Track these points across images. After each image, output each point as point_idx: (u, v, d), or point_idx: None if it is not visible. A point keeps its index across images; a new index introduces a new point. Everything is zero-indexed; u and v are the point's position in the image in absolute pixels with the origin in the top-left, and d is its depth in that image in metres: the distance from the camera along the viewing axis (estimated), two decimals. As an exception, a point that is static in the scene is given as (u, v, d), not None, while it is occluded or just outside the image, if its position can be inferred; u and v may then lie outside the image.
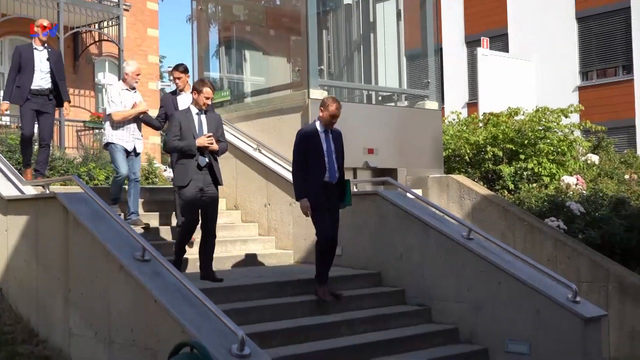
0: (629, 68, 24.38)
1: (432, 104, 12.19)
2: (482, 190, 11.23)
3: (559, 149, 12.60)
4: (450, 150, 12.98)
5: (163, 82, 26.97)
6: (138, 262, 6.24)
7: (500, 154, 12.57)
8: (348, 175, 10.52)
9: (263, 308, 7.18)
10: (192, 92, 8.01)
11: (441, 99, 17.06)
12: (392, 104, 12.45)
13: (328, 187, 7.61)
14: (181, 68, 9.42)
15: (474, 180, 11.95)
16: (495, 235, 9.62)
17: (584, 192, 11.82)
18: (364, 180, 10.22)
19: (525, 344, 7.28)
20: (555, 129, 12.89)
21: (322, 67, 11.92)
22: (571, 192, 11.69)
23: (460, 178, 11.51)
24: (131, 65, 9.42)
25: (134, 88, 9.33)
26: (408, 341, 7.34)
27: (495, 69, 17.85)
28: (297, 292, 7.75)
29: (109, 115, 9.17)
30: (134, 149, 9.21)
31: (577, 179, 12.23)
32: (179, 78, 9.42)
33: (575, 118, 15.59)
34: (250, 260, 9.33)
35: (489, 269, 7.63)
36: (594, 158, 14.09)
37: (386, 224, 8.54)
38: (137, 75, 9.38)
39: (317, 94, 10.59)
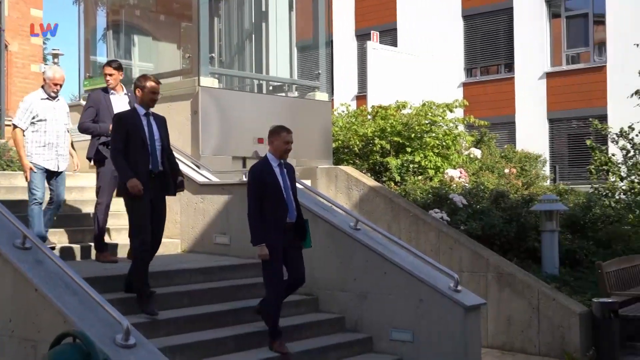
0: (510, 66, 25.32)
1: (322, 95, 12.30)
2: (370, 181, 11.42)
3: (444, 143, 12.97)
4: (339, 142, 13.14)
5: (46, 64, 26.02)
6: (18, 249, 6.02)
7: (388, 146, 12.82)
8: (236, 165, 10.50)
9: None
10: (135, 90, 7.06)
11: (331, 91, 17.24)
12: (283, 94, 12.48)
13: (287, 227, 6.87)
14: (114, 64, 8.43)
15: (362, 172, 12.13)
16: (382, 226, 9.82)
17: (467, 185, 12.22)
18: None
19: (408, 332, 7.47)
20: (441, 123, 13.25)
21: (213, 54, 11.80)
22: (454, 185, 12.07)
23: (349, 169, 11.68)
24: (49, 71, 8.16)
25: (55, 97, 8.09)
26: (295, 330, 7.41)
27: (384, 62, 18.16)
28: (184, 282, 7.69)
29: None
30: (57, 167, 8.04)
31: (461, 172, 12.63)
32: (110, 75, 8.31)
33: (459, 113, 16.05)
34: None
35: (375, 259, 7.79)
36: (477, 152, 14.57)
37: (275, 213, 8.55)
38: (55, 85, 8.02)
39: (208, 81, 10.49)
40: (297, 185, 8.82)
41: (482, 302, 7.54)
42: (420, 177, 12.40)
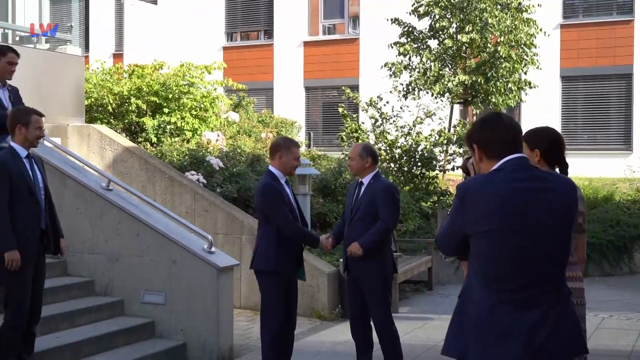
0: (270, 33, 25.69)
1: (74, 49, 11.65)
2: (124, 141, 11.06)
3: (202, 105, 12.87)
4: (92, 100, 12.57)
5: None
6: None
7: (144, 106, 12.48)
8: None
9: None
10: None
11: (85, 47, 16.42)
12: (31, 45, 11.66)
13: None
14: None
15: (116, 132, 11.71)
16: (137, 187, 9.58)
17: (224, 148, 12.24)
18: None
19: (160, 294, 7.36)
20: (199, 85, 13.13)
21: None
22: (212, 148, 12.04)
23: (102, 128, 11.22)
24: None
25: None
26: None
27: (142, 20, 17.61)
28: None
29: None
30: None
31: (218, 135, 12.62)
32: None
33: (218, 76, 16.01)
34: None
35: (127, 220, 7.57)
36: (234, 116, 14.64)
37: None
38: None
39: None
40: (46, 143, 8.35)
41: (235, 263, 7.60)
42: (177, 139, 12.22)
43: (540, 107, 19.81)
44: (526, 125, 17.28)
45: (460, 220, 3.19)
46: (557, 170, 4.29)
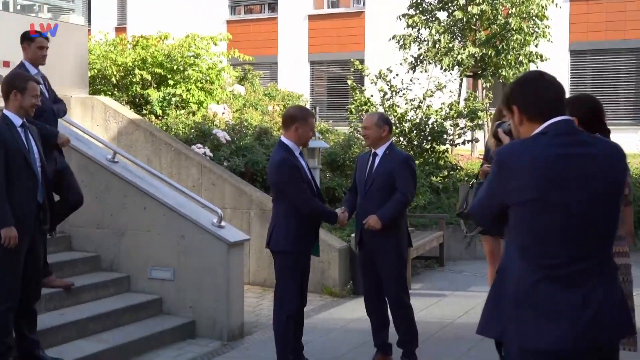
0: (273, 6, 25.33)
1: (77, 19, 11.34)
2: (129, 114, 10.79)
3: (208, 78, 12.58)
4: (95, 71, 12.27)
5: None
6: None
7: (149, 78, 12.19)
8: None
9: None
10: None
11: (88, 17, 16.11)
12: (33, 14, 11.35)
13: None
14: None
15: (121, 104, 11.44)
16: (142, 160, 9.31)
17: (230, 121, 11.98)
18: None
19: (169, 270, 7.14)
20: (205, 57, 12.82)
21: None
22: (218, 121, 11.78)
23: (107, 100, 10.94)
24: None
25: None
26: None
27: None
28: None
29: None
30: None
31: (224, 108, 12.35)
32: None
33: (223, 49, 15.71)
34: None
35: (134, 194, 7.33)
36: (240, 89, 14.36)
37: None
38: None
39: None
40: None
41: (246, 238, 7.38)
42: (182, 112, 11.95)
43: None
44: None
45: (499, 189, 2.91)
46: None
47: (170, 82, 12.20)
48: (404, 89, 13.16)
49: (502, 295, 2.92)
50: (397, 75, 13.36)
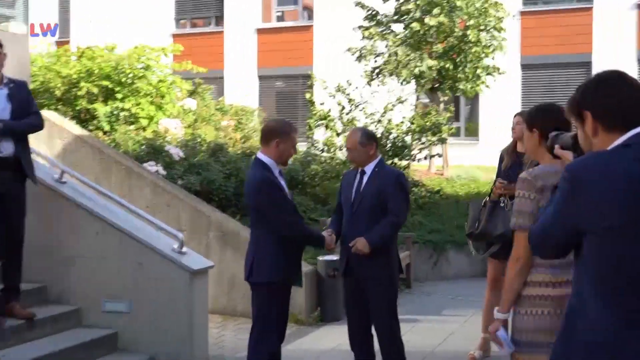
0: (220, 20, 24.74)
1: (19, 27, 10.52)
2: (75, 129, 10.07)
3: (159, 91, 11.90)
4: (38, 84, 11.48)
5: None
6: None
7: (96, 91, 11.45)
8: None
9: None
10: None
11: (28, 27, 15.26)
12: (-32, 23, 10.54)
13: None
14: None
15: (65, 119, 10.68)
16: (90, 180, 8.60)
17: (182, 137, 11.34)
18: None
19: (124, 302, 6.46)
20: (155, 68, 12.15)
21: None
22: (170, 137, 11.13)
23: (51, 115, 10.16)
24: None
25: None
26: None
27: (88, 3, 16.54)
28: None
29: None
30: None
31: (176, 123, 11.70)
32: None
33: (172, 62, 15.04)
34: None
35: (85, 217, 6.64)
36: (191, 103, 13.69)
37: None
38: None
39: None
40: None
41: (209, 265, 6.73)
42: (132, 127, 11.25)
43: (501, 95, 19.23)
44: (485, 115, 16.82)
45: (571, 211, 2.38)
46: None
47: (119, 95, 11.49)
48: (364, 103, 12.70)
49: (574, 342, 2.38)
50: (357, 87, 12.90)
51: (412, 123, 12.61)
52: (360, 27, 16.23)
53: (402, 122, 12.68)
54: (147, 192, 9.18)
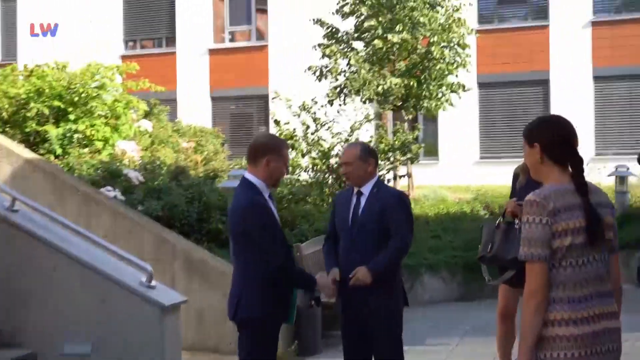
0: (171, 41, 24.15)
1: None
2: (26, 153, 9.38)
3: (114, 111, 11.24)
4: (-18, 104, 10.75)
5: None
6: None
7: (47, 111, 10.75)
8: None
9: None
10: None
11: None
12: None
13: None
14: None
15: (14, 142, 9.96)
16: (44, 207, 7.91)
17: (140, 159, 10.70)
18: None
19: (87, 343, 5.80)
20: (110, 88, 11.49)
21: None
22: (127, 160, 10.48)
23: (-2, 138, 9.47)
24: None
25: None
26: None
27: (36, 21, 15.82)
28: None
29: None
30: None
31: (133, 146, 11.05)
32: None
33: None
34: None
35: (40, 250, 5.98)
36: (147, 124, 13.04)
37: None
38: None
39: None
40: None
41: (182, 300, 6.11)
42: (86, 150, 10.58)
43: (458, 114, 18.90)
44: (444, 134, 16.36)
45: None
46: (570, 168, 3.15)
47: (71, 116, 10.82)
48: (330, 122, 12.21)
49: None
50: (322, 106, 12.41)
51: (381, 142, 12.15)
52: (320, 45, 15.78)
53: (369, 142, 12.21)
54: (106, 220, 8.52)
